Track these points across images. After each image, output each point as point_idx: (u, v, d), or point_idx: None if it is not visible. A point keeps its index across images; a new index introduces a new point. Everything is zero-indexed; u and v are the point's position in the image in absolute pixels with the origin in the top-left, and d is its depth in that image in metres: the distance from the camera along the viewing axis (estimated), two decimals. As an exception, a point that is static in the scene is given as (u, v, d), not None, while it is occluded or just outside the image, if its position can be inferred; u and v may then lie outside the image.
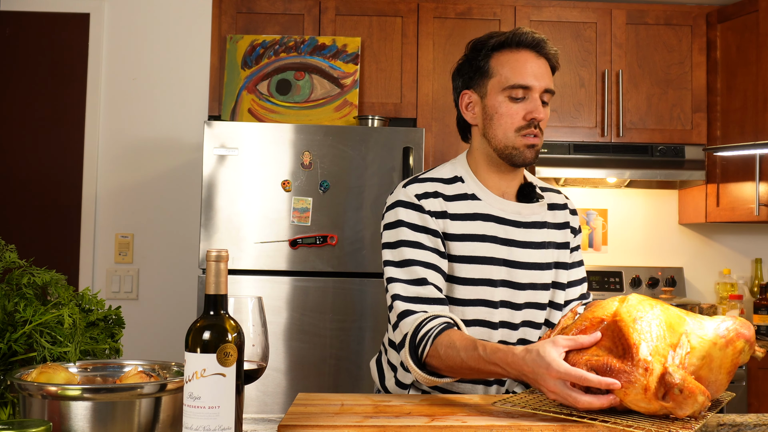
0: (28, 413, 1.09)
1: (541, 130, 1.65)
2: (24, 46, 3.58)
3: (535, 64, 1.64)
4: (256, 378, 1.22)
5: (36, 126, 3.56)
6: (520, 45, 1.65)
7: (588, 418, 1.22)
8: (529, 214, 1.70)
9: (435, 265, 1.60)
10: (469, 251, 1.64)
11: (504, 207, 1.68)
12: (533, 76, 1.63)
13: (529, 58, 1.64)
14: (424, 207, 1.64)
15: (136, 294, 3.52)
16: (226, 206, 3.02)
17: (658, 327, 1.24)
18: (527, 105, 1.63)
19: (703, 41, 3.60)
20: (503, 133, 1.65)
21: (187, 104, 3.57)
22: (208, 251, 1.09)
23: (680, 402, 1.18)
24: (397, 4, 3.52)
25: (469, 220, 1.65)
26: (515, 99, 1.63)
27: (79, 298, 1.35)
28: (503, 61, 1.65)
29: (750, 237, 3.92)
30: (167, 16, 3.59)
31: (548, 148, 3.51)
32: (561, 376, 1.24)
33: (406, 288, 1.59)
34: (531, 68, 1.63)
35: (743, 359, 1.28)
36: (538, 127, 1.64)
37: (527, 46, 1.65)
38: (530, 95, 1.63)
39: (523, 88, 1.62)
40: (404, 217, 1.64)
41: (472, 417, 1.25)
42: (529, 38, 1.65)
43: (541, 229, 1.71)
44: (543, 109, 1.64)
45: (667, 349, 1.21)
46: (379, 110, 3.46)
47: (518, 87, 1.62)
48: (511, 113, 1.64)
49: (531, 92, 1.63)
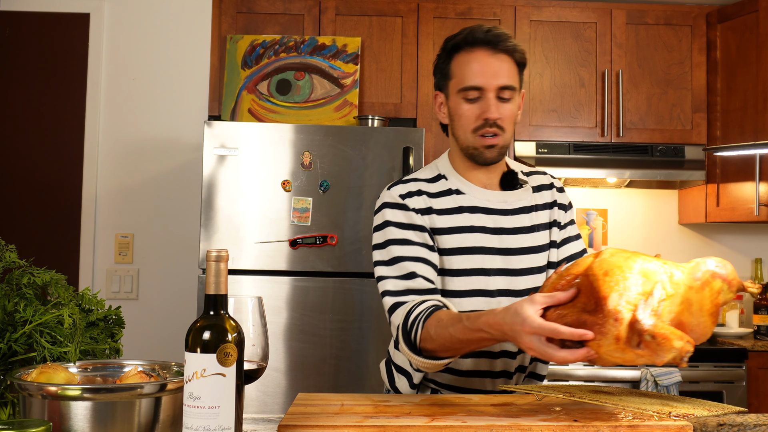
0: (28, 413, 1.09)
1: (502, 128, 1.65)
2: (24, 46, 3.58)
3: (487, 62, 1.63)
4: (256, 378, 1.22)
5: (36, 126, 3.56)
6: (474, 44, 1.65)
7: (600, 402, 1.23)
8: (514, 201, 1.72)
9: (424, 259, 1.63)
10: (458, 243, 1.66)
11: (489, 197, 1.71)
12: (484, 76, 1.63)
13: (482, 57, 1.64)
14: (409, 205, 1.67)
15: (136, 294, 3.52)
16: (226, 206, 3.02)
17: (631, 276, 1.22)
18: (482, 105, 1.64)
19: (703, 41, 3.60)
20: (463, 134, 1.68)
21: (187, 104, 3.57)
22: (208, 251, 1.09)
23: (654, 349, 1.17)
24: (397, 4, 3.52)
25: (456, 213, 1.68)
26: (470, 100, 1.65)
27: (79, 298, 1.35)
28: (460, 62, 1.67)
29: (750, 237, 3.92)
30: (167, 16, 3.59)
31: (548, 148, 3.51)
32: (536, 331, 1.26)
33: (396, 283, 1.61)
34: (483, 68, 1.63)
35: (724, 298, 1.26)
36: (495, 125, 1.64)
37: (482, 44, 1.64)
38: (484, 95, 1.64)
39: (475, 89, 1.64)
40: (390, 217, 1.67)
41: (472, 417, 1.25)
42: (482, 36, 1.64)
43: (529, 213, 1.72)
44: (502, 106, 1.64)
45: (639, 298, 1.20)
46: (379, 110, 3.46)
47: (470, 89, 1.64)
48: (467, 114, 1.66)
49: (485, 92, 1.63)
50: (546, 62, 3.57)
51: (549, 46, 3.57)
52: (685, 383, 3.13)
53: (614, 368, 3.13)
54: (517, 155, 3.50)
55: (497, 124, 1.64)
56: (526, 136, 3.53)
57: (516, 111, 1.69)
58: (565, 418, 1.24)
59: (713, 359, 3.17)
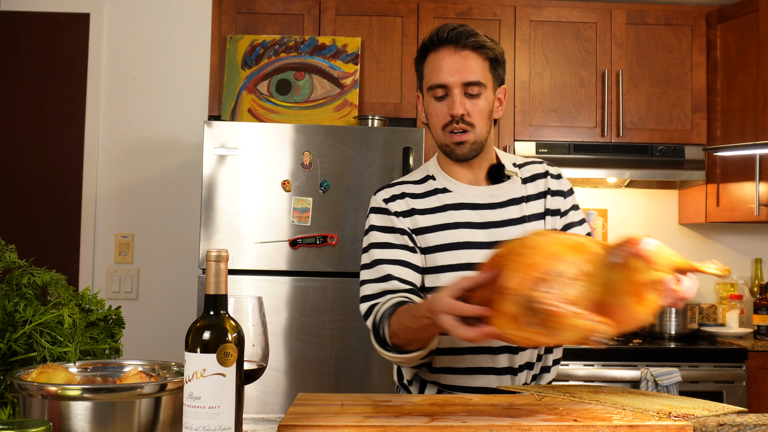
0: (28, 413, 1.09)
1: (471, 125, 1.66)
2: (24, 46, 3.58)
3: (451, 60, 1.66)
4: (256, 378, 1.22)
5: (36, 126, 3.57)
6: (439, 44, 1.68)
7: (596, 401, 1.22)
8: (502, 194, 1.73)
9: (402, 261, 1.66)
10: (442, 239, 1.68)
11: (476, 193, 1.73)
12: (447, 73, 1.65)
13: (446, 55, 1.67)
14: (390, 209, 1.72)
15: (136, 294, 3.52)
16: (226, 206, 3.01)
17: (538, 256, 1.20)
18: (448, 102, 1.67)
19: (703, 41, 3.60)
20: (435, 131, 1.72)
21: (187, 104, 3.57)
22: (208, 251, 1.09)
23: (550, 326, 1.16)
24: (397, 4, 3.52)
25: (440, 212, 1.71)
26: (438, 98, 1.68)
27: (79, 298, 1.35)
28: (428, 62, 1.71)
29: (750, 237, 3.92)
30: (167, 16, 3.59)
31: (548, 148, 3.51)
32: (446, 310, 1.30)
33: (372, 287, 1.66)
34: (446, 65, 1.66)
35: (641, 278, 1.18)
36: (463, 122, 1.66)
37: (446, 43, 1.67)
38: (450, 92, 1.66)
39: (440, 87, 1.67)
40: (374, 221, 1.73)
41: (472, 417, 1.24)
42: (446, 35, 1.67)
43: (519, 205, 1.72)
44: (470, 102, 1.66)
45: (540, 276, 1.17)
46: (379, 110, 3.46)
47: (435, 87, 1.67)
48: (436, 112, 1.69)
49: (450, 89, 1.66)
50: (546, 62, 3.57)
51: (549, 46, 3.57)
52: (685, 383, 3.13)
53: (614, 368, 3.13)
54: (517, 155, 3.50)
55: (465, 120, 1.66)
56: (526, 136, 3.53)
57: (487, 106, 1.69)
58: (565, 418, 1.24)
59: (713, 359, 3.17)
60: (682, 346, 3.25)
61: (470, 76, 1.65)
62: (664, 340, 3.40)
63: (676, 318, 3.40)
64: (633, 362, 3.14)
